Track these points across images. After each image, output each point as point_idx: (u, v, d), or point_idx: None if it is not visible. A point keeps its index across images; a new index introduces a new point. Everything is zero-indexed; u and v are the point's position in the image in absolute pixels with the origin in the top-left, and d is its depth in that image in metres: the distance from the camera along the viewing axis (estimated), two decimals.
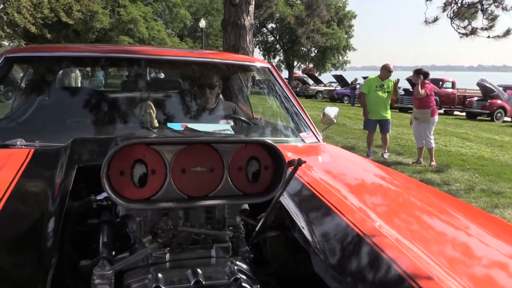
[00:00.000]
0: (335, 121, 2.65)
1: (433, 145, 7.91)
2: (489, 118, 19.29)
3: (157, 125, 2.25)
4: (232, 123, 2.49)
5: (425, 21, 8.84)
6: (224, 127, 2.32)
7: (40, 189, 1.38)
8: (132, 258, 1.04)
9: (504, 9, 7.43)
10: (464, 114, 20.83)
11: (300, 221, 1.26)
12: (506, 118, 19.34)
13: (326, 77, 35.15)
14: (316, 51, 37.37)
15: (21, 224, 1.15)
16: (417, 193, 1.68)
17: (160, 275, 1.02)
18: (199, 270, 1.04)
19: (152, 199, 0.99)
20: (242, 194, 1.07)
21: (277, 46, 40.25)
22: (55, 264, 1.00)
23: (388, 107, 8.09)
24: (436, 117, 7.86)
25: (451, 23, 8.08)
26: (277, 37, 39.71)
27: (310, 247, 1.16)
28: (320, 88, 29.91)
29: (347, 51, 38.14)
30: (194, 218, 1.12)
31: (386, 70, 8.02)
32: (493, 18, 8.68)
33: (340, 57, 38.21)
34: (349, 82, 26.37)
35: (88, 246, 1.31)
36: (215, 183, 1.04)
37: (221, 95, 2.97)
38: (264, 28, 39.63)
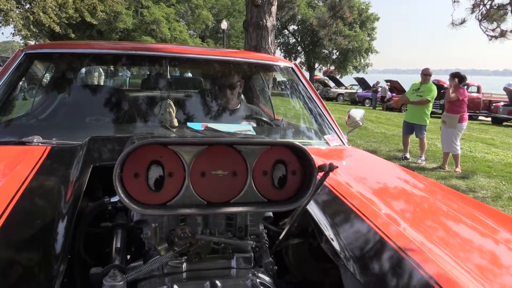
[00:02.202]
0: (361, 123, 2.55)
1: (459, 151, 7.70)
2: None
3: (176, 124, 2.18)
4: (254, 124, 2.41)
5: (452, 23, 8.60)
6: (245, 128, 2.24)
7: (53, 188, 1.32)
8: (146, 267, 0.96)
9: None
10: (489, 119, 20.32)
11: (328, 230, 1.16)
12: None
13: (348, 79, 34.79)
14: (337, 53, 37.04)
15: (32, 223, 1.09)
16: (446, 199, 1.58)
17: (176, 286, 0.95)
18: (218, 282, 0.97)
19: (169, 205, 0.91)
20: (266, 201, 0.98)
21: (298, 48, 40.06)
22: (63, 271, 0.93)
23: (423, 112, 7.92)
24: (465, 124, 7.65)
25: (480, 25, 7.84)
26: (299, 38, 39.52)
27: (339, 260, 1.06)
28: (341, 90, 29.63)
29: (369, 53, 37.70)
30: (213, 225, 1.04)
31: (423, 74, 7.95)
32: None
33: (362, 60, 37.75)
34: (371, 85, 26.04)
35: (101, 249, 1.25)
36: (238, 189, 0.95)
37: (242, 95, 2.90)
38: (286, 30, 39.49)
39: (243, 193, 0.95)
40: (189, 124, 2.17)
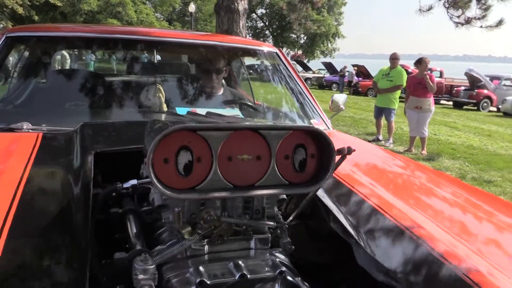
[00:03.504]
0: (343, 108, 2.63)
1: (427, 134, 7.98)
2: (476, 108, 19.51)
3: (165, 109, 2.20)
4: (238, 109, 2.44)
5: (420, 10, 8.80)
6: (233, 112, 2.28)
7: (59, 177, 1.32)
8: (172, 250, 0.98)
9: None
10: (451, 103, 21.02)
11: (335, 211, 1.23)
12: (491, 108, 19.57)
13: (315, 64, 35.02)
14: (305, 38, 37.21)
15: (47, 212, 1.09)
16: (430, 177, 1.68)
17: (201, 268, 0.98)
18: (241, 263, 1.00)
19: (198, 189, 0.93)
20: (288, 183, 1.02)
21: (266, 32, 39.95)
22: (90, 258, 0.95)
23: (393, 96, 8.14)
24: (433, 108, 7.96)
25: (447, 12, 8.07)
26: (267, 22, 39.39)
27: (350, 238, 1.14)
28: (309, 75, 29.81)
29: (336, 38, 38.04)
30: (231, 209, 1.07)
31: (391, 59, 8.15)
32: (486, 8, 8.69)
33: (329, 44, 38.09)
34: (338, 70, 26.38)
35: (108, 236, 1.25)
36: (261, 172, 0.99)
37: (223, 80, 2.92)
38: (254, 14, 39.22)
39: (267, 176, 0.99)
40: (177, 108, 2.18)
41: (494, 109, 19.50)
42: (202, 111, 2.25)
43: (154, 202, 1.08)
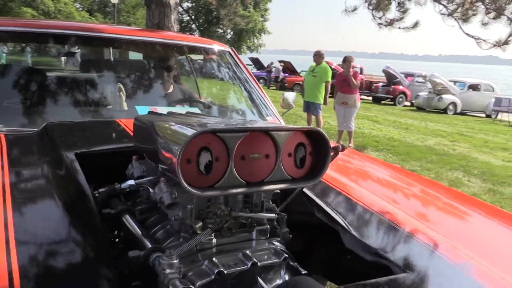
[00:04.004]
0: (293, 105, 2.78)
1: (353, 128, 8.48)
2: (392, 103, 20.93)
3: (126, 108, 2.19)
4: (198, 106, 2.50)
5: (345, 10, 9.27)
6: (192, 109, 2.33)
7: (49, 180, 1.30)
8: (188, 245, 1.03)
9: (417, 3, 8.05)
10: (370, 98, 22.31)
11: (320, 203, 1.37)
12: (406, 103, 21.12)
13: (242, 59, 35.21)
14: (232, 33, 37.34)
15: (50, 220, 1.09)
16: (393, 174, 1.88)
17: (215, 259, 1.05)
18: (248, 252, 1.09)
19: (217, 186, 1.00)
20: (291, 179, 1.12)
21: (192, 26, 39.50)
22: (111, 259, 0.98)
23: (318, 91, 8.47)
24: (359, 103, 8.44)
25: (372, 14, 8.58)
26: (193, 16, 38.93)
27: (336, 225, 1.27)
28: (221, 71, 29.90)
29: (262, 34, 38.59)
30: (234, 203, 1.14)
31: (316, 56, 8.47)
32: (404, 11, 9.38)
33: (256, 40, 38.57)
34: (265, 65, 26.88)
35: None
36: (269, 169, 1.08)
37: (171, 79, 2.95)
38: (180, 7, 38.54)
39: (274, 173, 1.08)
40: (137, 107, 2.19)
41: (408, 103, 21.05)
42: (162, 109, 2.29)
43: (164, 201, 1.11)
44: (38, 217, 1.11)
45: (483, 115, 18.94)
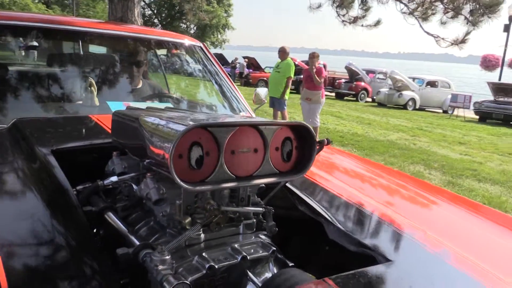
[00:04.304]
0: (265, 101, 2.80)
1: (319, 124, 8.61)
2: (355, 99, 21.39)
3: (98, 103, 2.14)
4: (171, 101, 2.47)
5: (310, 7, 9.37)
6: (166, 105, 2.30)
7: (26, 178, 1.26)
8: (177, 241, 1.02)
9: (380, 1, 8.25)
10: (333, 94, 22.70)
11: (303, 197, 1.39)
12: (368, 99, 21.63)
13: None
14: (195, 28, 36.96)
15: (34, 218, 1.05)
16: (370, 169, 1.94)
17: (205, 254, 1.04)
18: (237, 247, 1.10)
19: (207, 181, 1.00)
20: (278, 172, 1.13)
21: (155, 21, 38.79)
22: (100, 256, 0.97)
23: (282, 87, 8.52)
24: (324, 99, 8.56)
25: (336, 11, 8.72)
26: (155, 11, 38.24)
27: (320, 217, 1.30)
28: (192, 66, 29.71)
29: (226, 29, 38.41)
30: (220, 198, 1.14)
31: (280, 52, 8.53)
32: (366, 9, 9.59)
33: (219, 36, 38.36)
34: (229, 61, 26.81)
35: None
36: (258, 163, 1.09)
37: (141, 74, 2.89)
38: (142, 1, 37.70)
39: (262, 167, 1.09)
40: (109, 103, 2.14)
41: (370, 99, 21.57)
42: (136, 105, 2.25)
43: (151, 197, 1.09)
44: (18, 213, 1.07)
45: (440, 110, 19.67)
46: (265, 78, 23.29)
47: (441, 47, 7.62)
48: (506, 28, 19.60)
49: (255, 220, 1.22)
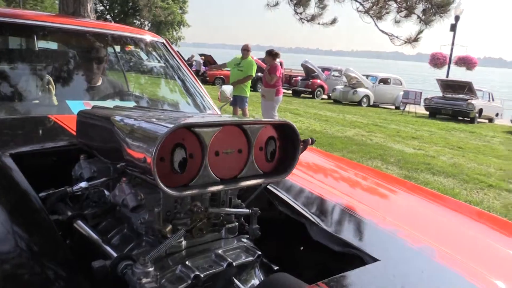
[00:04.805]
0: (231, 98, 2.75)
1: None
2: (311, 96, 21.69)
3: (56, 103, 2.02)
4: (134, 100, 2.37)
5: (267, 5, 9.39)
6: (129, 104, 2.21)
7: None
8: (158, 250, 0.93)
9: (336, 0, 8.37)
10: (290, 92, 22.92)
11: (283, 197, 1.35)
12: (324, 96, 22.01)
13: None
14: (150, 25, 36.20)
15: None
16: (346, 168, 1.93)
17: (188, 263, 0.98)
18: (221, 253, 1.04)
19: (191, 185, 0.93)
20: (262, 173, 1.08)
21: (107, 17, 37.63)
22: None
23: (244, 85, 8.46)
24: (281, 97, 8.59)
25: (294, 9, 8.78)
26: (107, 6, 37.11)
27: (301, 218, 1.26)
28: (155, 63, 29.20)
29: (181, 26, 37.89)
30: (200, 202, 1.07)
31: (243, 50, 8.47)
32: (323, 7, 9.72)
33: (175, 33, 37.77)
34: (186, 59, 26.47)
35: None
36: (242, 164, 1.03)
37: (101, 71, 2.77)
38: None
39: (247, 168, 1.04)
40: (68, 102, 2.03)
41: (326, 96, 21.95)
42: (99, 103, 2.14)
43: (127, 203, 1.00)
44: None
45: (393, 107, 20.32)
46: (222, 76, 23.17)
47: (395, 45, 7.85)
48: (453, 28, 20.50)
49: (237, 223, 1.17)
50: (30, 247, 0.93)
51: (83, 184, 1.13)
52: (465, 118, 16.61)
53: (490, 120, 18.00)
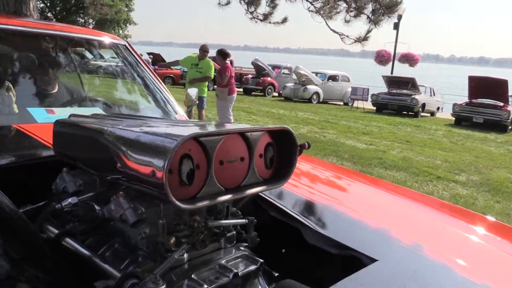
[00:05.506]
0: (197, 101, 2.71)
1: (232, 120, 8.65)
2: (262, 94, 21.86)
3: (17, 110, 1.91)
4: (100, 105, 2.28)
5: (219, 4, 9.36)
6: (95, 111, 2.13)
7: None
8: (164, 265, 0.90)
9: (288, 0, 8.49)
10: (241, 90, 22.97)
11: (275, 202, 1.35)
12: (275, 94, 22.24)
13: (108, 51, 33.18)
14: (94, 23, 34.92)
15: None
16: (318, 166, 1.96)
17: (194, 276, 0.96)
18: (224, 263, 1.03)
19: (199, 197, 0.91)
20: (263, 181, 1.07)
21: (48, 14, 35.90)
22: None
23: (203, 85, 8.36)
24: (234, 95, 8.60)
25: (247, 8, 8.81)
26: (48, 3, 35.41)
27: (295, 222, 1.27)
28: (101, 63, 28.27)
29: (128, 25, 36.85)
30: (199, 213, 1.05)
31: (201, 50, 8.37)
32: (273, 6, 9.83)
33: (121, 31, 36.67)
34: None
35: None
36: (244, 172, 1.02)
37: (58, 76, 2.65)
38: None
39: (249, 176, 1.03)
40: (29, 109, 1.92)
41: (277, 94, 22.19)
42: (61, 110, 2.05)
43: (127, 218, 0.97)
44: None
45: (342, 103, 20.89)
46: (172, 75, 22.81)
47: (346, 44, 8.10)
48: (396, 26, 21.37)
49: (235, 232, 1.16)
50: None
51: (72, 200, 1.07)
52: (410, 113, 17.37)
53: (432, 114, 18.95)
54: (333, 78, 21.54)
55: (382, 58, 26.29)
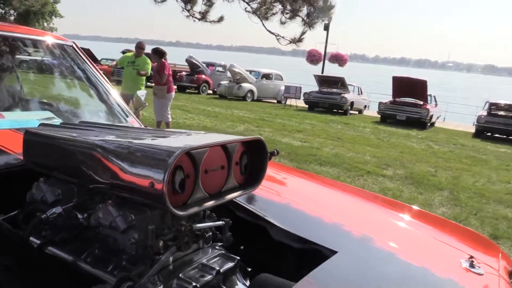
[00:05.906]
0: (146, 104, 2.73)
1: (170, 119, 8.59)
2: (197, 91, 21.77)
3: None
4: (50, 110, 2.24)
5: (155, 0, 9.25)
6: (46, 114, 2.11)
7: None
8: (156, 267, 0.98)
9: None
10: (175, 87, 22.65)
11: (241, 203, 1.46)
12: (209, 91, 22.24)
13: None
14: (15, 14, 32.64)
15: None
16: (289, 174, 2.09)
17: (181, 276, 1.04)
18: (206, 262, 1.12)
19: (189, 203, 1.01)
20: (239, 185, 1.19)
21: None
22: None
23: (140, 83, 8.26)
24: (173, 94, 8.54)
25: (184, 6, 8.77)
26: None
27: (260, 221, 1.38)
28: (25, 57, 26.53)
29: (53, 17, 34.88)
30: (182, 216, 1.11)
31: (137, 48, 8.20)
32: (210, 5, 9.89)
33: (45, 24, 34.62)
34: None
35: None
36: (224, 179, 1.14)
37: None
38: None
39: (228, 183, 1.14)
40: None
41: (211, 92, 22.20)
42: (13, 114, 2.01)
43: (117, 225, 1.02)
44: None
45: (275, 101, 21.37)
46: (102, 71, 21.94)
47: (282, 45, 8.36)
48: (326, 27, 22.21)
49: (211, 233, 1.25)
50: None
51: (57, 210, 1.09)
52: (339, 111, 18.19)
53: (360, 111, 19.98)
54: (266, 76, 21.95)
55: (313, 57, 27.17)
